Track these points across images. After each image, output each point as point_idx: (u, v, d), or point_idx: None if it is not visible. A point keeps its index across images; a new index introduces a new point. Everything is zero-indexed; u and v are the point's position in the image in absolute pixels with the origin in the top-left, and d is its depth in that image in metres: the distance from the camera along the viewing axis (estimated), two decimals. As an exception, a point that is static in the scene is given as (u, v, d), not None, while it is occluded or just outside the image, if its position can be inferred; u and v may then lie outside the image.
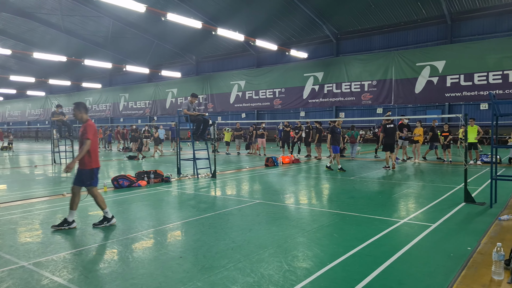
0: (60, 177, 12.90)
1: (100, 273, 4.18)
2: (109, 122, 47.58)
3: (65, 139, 17.31)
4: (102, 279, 4.04)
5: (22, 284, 3.89)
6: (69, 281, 3.96)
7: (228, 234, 5.60)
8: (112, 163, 17.19)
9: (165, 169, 13.60)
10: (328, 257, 4.56)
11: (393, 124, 13.71)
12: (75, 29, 40.12)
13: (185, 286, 3.81)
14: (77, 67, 46.97)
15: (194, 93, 12.66)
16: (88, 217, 6.85)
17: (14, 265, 4.45)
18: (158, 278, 4.02)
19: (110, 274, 4.17)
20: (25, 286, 3.85)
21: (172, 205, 8.00)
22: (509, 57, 14.67)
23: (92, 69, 46.83)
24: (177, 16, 18.77)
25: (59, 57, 28.78)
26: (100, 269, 4.30)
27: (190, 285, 3.82)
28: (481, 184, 9.72)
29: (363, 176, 11.97)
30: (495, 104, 6.77)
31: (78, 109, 6.16)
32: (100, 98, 37.76)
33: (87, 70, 48.97)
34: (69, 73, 50.91)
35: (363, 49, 32.08)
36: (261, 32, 32.08)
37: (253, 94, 24.98)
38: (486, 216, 6.51)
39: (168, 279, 3.99)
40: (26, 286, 3.86)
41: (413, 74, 16.86)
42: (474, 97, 15.66)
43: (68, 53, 36.19)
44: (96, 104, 37.91)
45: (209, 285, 3.81)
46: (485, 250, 4.70)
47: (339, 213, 6.91)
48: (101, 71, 48.96)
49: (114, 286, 3.85)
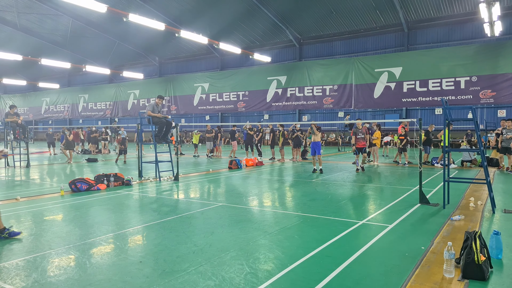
0: (14, 181, 12.30)
1: (55, 280, 4.03)
2: (68, 123, 45.87)
3: (19, 141, 16.53)
4: (57, 286, 3.89)
5: (-30, 295, 3.69)
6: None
7: (190, 238, 5.55)
8: (70, 166, 16.58)
9: (126, 172, 13.29)
10: (289, 259, 4.63)
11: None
12: (32, 27, 38.46)
13: (145, 291, 3.75)
14: (34, 66, 44.99)
15: (161, 95, 12.46)
16: (43, 222, 6.57)
17: (-40, 274, 4.21)
18: (117, 284, 3.93)
19: (65, 281, 4.03)
20: (-27, 297, 3.65)
21: (133, 209, 7.83)
22: (460, 65, 15.51)
23: (50, 68, 45.00)
24: (139, 17, 18.42)
25: (14, 56, 27.46)
26: (55, 276, 4.15)
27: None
28: (434, 186, 10.18)
29: (325, 178, 12.21)
30: (447, 109, 7.14)
31: None
32: (58, 99, 36.29)
33: (44, 70, 47.01)
34: (25, 72, 48.65)
35: (325, 54, 32.83)
36: (225, 35, 32.09)
37: (217, 97, 24.92)
38: (439, 216, 6.83)
39: (127, 285, 3.91)
40: (-26, 296, 3.66)
41: (372, 79, 17.45)
42: (429, 102, 16.40)
43: (24, 51, 34.56)
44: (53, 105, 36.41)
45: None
46: (437, 249, 4.93)
47: (301, 215, 7.02)
48: (59, 71, 47.14)
49: (70, 293, 3.73)
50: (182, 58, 41.08)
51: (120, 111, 30.93)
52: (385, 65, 17.16)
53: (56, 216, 7.07)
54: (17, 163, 16.25)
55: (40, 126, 48.09)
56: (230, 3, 29.14)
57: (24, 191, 10.07)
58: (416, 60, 16.60)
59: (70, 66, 32.36)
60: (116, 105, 31.17)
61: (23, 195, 9.13)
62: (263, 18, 30.69)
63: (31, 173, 14.24)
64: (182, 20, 31.76)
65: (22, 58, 28.59)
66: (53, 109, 36.51)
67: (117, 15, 19.83)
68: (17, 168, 15.77)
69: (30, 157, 16.84)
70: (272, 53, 33.36)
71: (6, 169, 15.56)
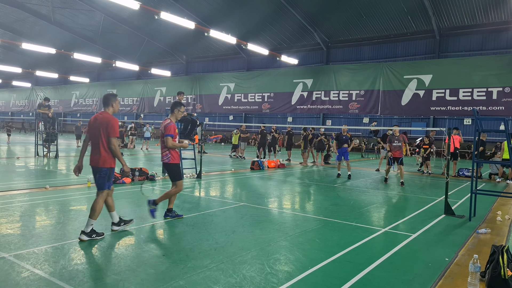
0: (43, 170, 12.71)
1: (82, 268, 4.16)
2: (95, 117, 46.97)
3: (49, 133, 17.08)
4: (83, 273, 4.02)
5: (3, 276, 3.86)
6: (50, 274, 3.93)
7: (211, 235, 5.62)
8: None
9: (150, 167, 13.53)
10: (310, 262, 4.63)
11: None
12: (65, 22, 39.62)
13: (167, 284, 3.83)
14: (66, 60, 46.34)
15: (181, 91, 12.62)
16: (70, 211, 6.78)
17: (-7, 256, 4.40)
18: (140, 275, 4.02)
19: (91, 268, 4.16)
20: (6, 278, 3.81)
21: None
22: (493, 75, 15.04)
23: (80, 62, 46.26)
24: (171, 16, 18.73)
25: (48, 49, 28.38)
26: (82, 264, 4.28)
27: (172, 284, 3.84)
28: (461, 198, 9.94)
29: (348, 184, 12.10)
30: (478, 120, 6.96)
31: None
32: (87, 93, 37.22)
33: (75, 64, 48.34)
34: (56, 66, 50.16)
35: (352, 59, 32.47)
36: (252, 36, 32.21)
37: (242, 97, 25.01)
38: (465, 229, 6.67)
39: (150, 276, 4.00)
40: (7, 277, 3.82)
41: (400, 86, 17.15)
42: (458, 112, 15.99)
43: (57, 45, 35.70)
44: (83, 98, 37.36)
45: (191, 285, 3.83)
46: (462, 262, 4.83)
47: (322, 219, 6.99)
48: (89, 65, 48.37)
49: (95, 280, 3.84)
50: (209, 58, 41.46)
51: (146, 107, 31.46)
52: (415, 72, 16.83)
53: (82, 206, 7.28)
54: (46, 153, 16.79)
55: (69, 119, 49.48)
56: (259, 4, 29.22)
57: (52, 180, 10.40)
58: (447, 68, 16.20)
59: (101, 61, 33.18)
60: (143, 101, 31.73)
61: (52, 185, 9.43)
62: (292, 19, 30.63)
63: (59, 163, 14.68)
64: (211, 19, 32.06)
65: (55, 52, 29.49)
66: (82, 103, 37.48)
67: (148, 12, 20.22)
68: (46, 158, 16.28)
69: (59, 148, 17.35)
70: (299, 56, 33.24)
71: (35, 158, 16.09)
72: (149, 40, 39.81)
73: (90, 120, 5.38)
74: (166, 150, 6.29)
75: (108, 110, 5.37)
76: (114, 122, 5.20)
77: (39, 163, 14.55)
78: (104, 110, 5.38)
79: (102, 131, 5.16)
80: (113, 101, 5.41)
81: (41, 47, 28.16)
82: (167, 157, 6.31)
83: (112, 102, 5.40)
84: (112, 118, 5.23)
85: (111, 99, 5.41)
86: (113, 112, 5.41)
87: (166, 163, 6.36)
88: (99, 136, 5.17)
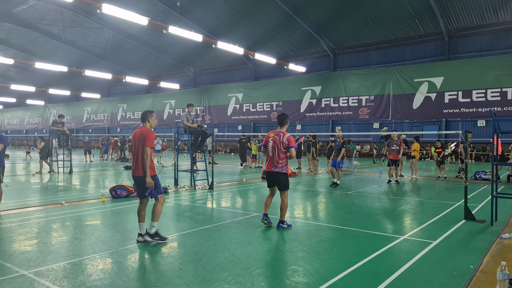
0: (57, 186, 12.80)
1: (100, 284, 4.12)
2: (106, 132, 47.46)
3: (63, 149, 17.27)
4: (101, 291, 3.98)
5: (20, 295, 3.84)
6: (68, 293, 3.90)
7: (227, 247, 5.55)
8: (109, 173, 17.09)
9: (162, 180, 13.54)
10: (329, 273, 4.53)
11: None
12: (75, 40, 40.38)
13: (186, 299, 3.77)
14: (77, 77, 47.06)
15: (190, 103, 12.68)
16: (86, 226, 6.78)
17: (14, 273, 4.40)
18: (158, 291, 3.96)
19: (110, 284, 4.11)
20: (23, 297, 3.79)
21: (170, 216, 7.94)
22: (507, 74, 14.76)
23: (91, 79, 46.95)
24: (179, 29, 18.91)
25: (60, 67, 28.84)
26: (100, 279, 4.24)
27: (191, 299, 3.78)
28: (480, 202, 9.72)
29: (361, 190, 11.95)
30: (496, 121, 6.82)
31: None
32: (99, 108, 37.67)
33: (86, 80, 49.06)
34: (68, 83, 50.96)
35: (360, 64, 32.35)
36: (259, 46, 32.34)
37: (251, 107, 25.01)
38: (487, 234, 6.49)
39: (168, 292, 3.94)
40: (24, 297, 3.80)
41: (411, 89, 16.96)
42: (472, 113, 15.72)
43: (68, 63, 36.30)
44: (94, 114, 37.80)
45: (210, 299, 3.76)
46: (487, 269, 4.68)
47: (338, 228, 6.88)
48: (100, 82, 49.06)
49: (114, 298, 3.80)
50: (216, 69, 41.75)
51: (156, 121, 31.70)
52: (425, 75, 16.63)
53: (98, 221, 7.28)
54: (60, 169, 16.95)
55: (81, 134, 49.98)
56: (265, 14, 29.39)
57: (68, 196, 10.45)
58: (459, 70, 15.97)
59: (111, 77, 33.62)
60: (153, 114, 31.97)
61: (67, 200, 9.48)
62: (298, 28, 30.72)
63: (73, 179, 14.79)
64: (218, 32, 32.33)
65: (67, 69, 29.98)
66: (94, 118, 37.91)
67: (157, 27, 20.44)
68: (61, 174, 16.42)
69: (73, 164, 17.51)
70: (306, 63, 33.24)
71: (50, 174, 16.24)
72: (157, 54, 40.28)
73: (133, 135, 5.88)
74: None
75: (146, 125, 5.90)
76: (151, 134, 5.73)
77: (54, 179, 14.68)
78: (143, 125, 5.90)
79: (140, 144, 5.68)
80: (150, 117, 5.94)
81: (53, 65, 28.63)
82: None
83: (149, 118, 5.93)
84: (149, 132, 5.75)
85: (148, 115, 5.94)
86: (150, 126, 5.93)
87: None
88: (139, 148, 5.69)
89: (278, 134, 6.84)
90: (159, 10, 30.85)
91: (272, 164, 6.76)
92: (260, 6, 28.49)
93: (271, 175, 6.86)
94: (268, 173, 6.91)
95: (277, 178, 6.77)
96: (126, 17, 15.97)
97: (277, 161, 6.70)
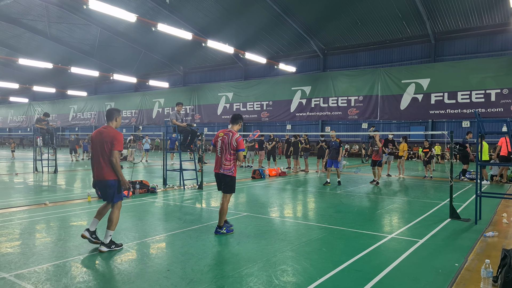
0: (41, 186, 12.60)
1: (84, 286, 4.05)
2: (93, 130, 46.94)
3: (48, 147, 17.00)
4: (86, 292, 3.91)
5: (3, 297, 3.75)
6: (53, 294, 3.83)
7: (216, 247, 5.52)
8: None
9: (150, 179, 13.42)
10: (318, 272, 4.53)
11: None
12: (62, 36, 39.78)
13: (173, 300, 3.73)
14: (63, 74, 46.41)
15: (179, 101, 12.60)
16: (71, 227, 6.67)
17: (-6, 276, 4.30)
18: (145, 292, 3.92)
19: (94, 286, 4.05)
20: (6, 299, 3.70)
21: (158, 216, 7.88)
22: (491, 77, 15.03)
23: (78, 76, 46.33)
24: (168, 27, 18.76)
25: (45, 64, 28.38)
26: (85, 282, 4.17)
27: (178, 299, 3.74)
28: (465, 201, 9.86)
29: (350, 190, 12.02)
30: (480, 122, 6.92)
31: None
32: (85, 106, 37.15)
33: (72, 78, 48.42)
34: (54, 80, 50.23)
35: (349, 65, 32.59)
36: (250, 45, 32.33)
37: (241, 106, 24.96)
38: (472, 232, 6.59)
39: (155, 293, 3.90)
40: (7, 298, 3.72)
41: (398, 90, 17.13)
42: (457, 114, 15.95)
43: (54, 60, 35.72)
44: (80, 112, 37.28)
45: (198, 300, 3.73)
46: (472, 267, 4.74)
47: (327, 227, 6.90)
48: (87, 79, 48.45)
49: (100, 299, 3.74)
50: (206, 68, 41.59)
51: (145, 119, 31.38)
52: (413, 77, 16.82)
53: (83, 221, 7.17)
54: (45, 169, 16.68)
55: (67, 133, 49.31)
56: (256, 14, 29.38)
57: (52, 196, 10.29)
58: (445, 72, 16.19)
59: (98, 74, 33.21)
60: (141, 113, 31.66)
61: (52, 200, 9.32)
62: (288, 28, 30.79)
63: (58, 178, 14.57)
64: (208, 30, 32.21)
65: (52, 66, 29.51)
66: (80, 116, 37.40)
67: (146, 25, 20.28)
68: (45, 173, 16.16)
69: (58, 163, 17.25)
70: (296, 63, 33.34)
71: (34, 174, 15.97)
72: (146, 52, 39.94)
73: (93, 135, 5.39)
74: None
75: (112, 124, 5.43)
76: (119, 136, 5.28)
77: (38, 178, 14.44)
78: (108, 124, 5.43)
79: (106, 145, 5.20)
80: (117, 116, 5.49)
81: (38, 62, 28.18)
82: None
83: (116, 117, 5.47)
84: (117, 133, 5.30)
85: (115, 113, 5.48)
86: (115, 126, 5.46)
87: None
88: (103, 150, 5.21)
89: (227, 133, 6.35)
90: (148, 7, 30.57)
91: (220, 165, 6.33)
92: (251, 6, 28.46)
93: (218, 177, 6.43)
94: (215, 175, 6.47)
95: (224, 180, 6.33)
96: (113, 13, 15.79)
97: (224, 162, 6.27)
